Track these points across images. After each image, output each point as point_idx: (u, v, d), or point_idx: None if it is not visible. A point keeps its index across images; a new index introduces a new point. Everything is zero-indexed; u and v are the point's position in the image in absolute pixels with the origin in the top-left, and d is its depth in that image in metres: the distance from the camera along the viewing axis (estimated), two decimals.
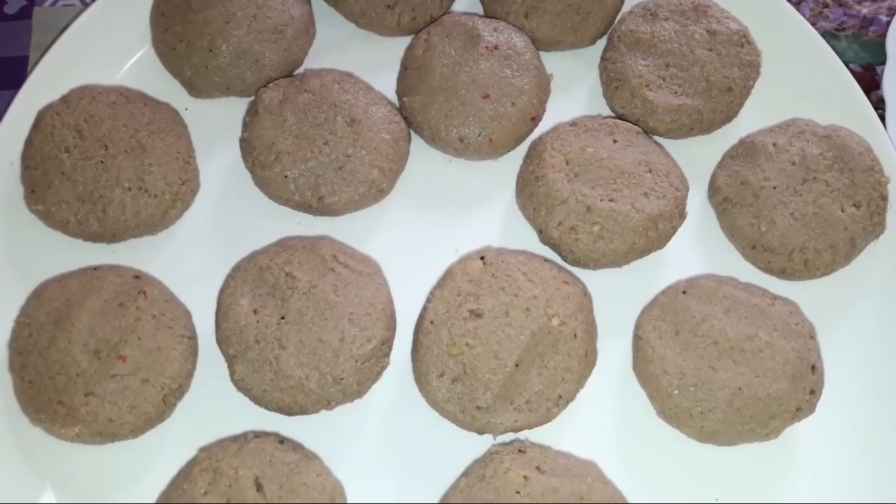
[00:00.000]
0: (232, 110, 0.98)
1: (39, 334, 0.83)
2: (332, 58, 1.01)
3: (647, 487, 0.84)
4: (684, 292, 0.88)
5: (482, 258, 0.87)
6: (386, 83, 0.99)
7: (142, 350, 0.82)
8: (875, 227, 0.91)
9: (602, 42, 1.02)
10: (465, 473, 0.81)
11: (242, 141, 0.93)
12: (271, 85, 0.95)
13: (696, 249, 0.95)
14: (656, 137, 0.97)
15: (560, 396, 0.82)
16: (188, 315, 0.88)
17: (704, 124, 0.96)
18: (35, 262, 0.90)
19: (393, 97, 0.98)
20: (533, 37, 0.99)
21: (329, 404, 0.83)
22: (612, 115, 0.99)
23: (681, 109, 0.95)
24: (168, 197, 0.91)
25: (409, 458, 0.85)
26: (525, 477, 0.78)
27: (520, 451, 0.81)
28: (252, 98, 0.97)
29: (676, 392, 0.83)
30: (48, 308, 0.84)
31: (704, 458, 0.85)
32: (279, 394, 0.82)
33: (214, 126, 0.98)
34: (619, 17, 1.03)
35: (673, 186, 0.90)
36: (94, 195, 0.88)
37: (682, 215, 0.91)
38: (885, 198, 0.91)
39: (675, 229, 0.91)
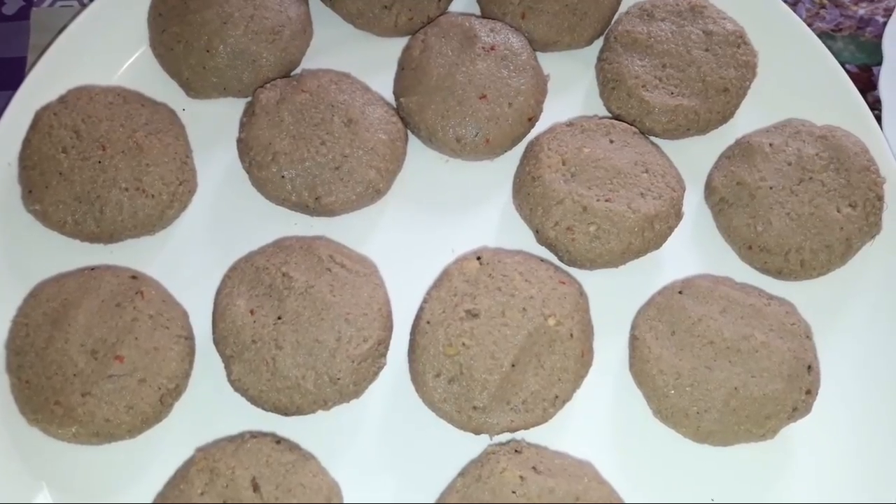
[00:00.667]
0: (229, 111, 0.98)
1: (36, 334, 0.83)
2: (329, 58, 1.02)
3: (643, 487, 0.84)
4: (680, 292, 0.88)
5: (479, 258, 0.87)
6: (383, 83, 0.99)
7: (139, 350, 0.82)
8: (871, 228, 0.91)
9: (599, 43, 1.02)
10: (462, 473, 0.81)
11: (239, 141, 0.94)
12: (268, 85, 0.95)
13: (693, 250, 0.95)
14: (653, 138, 0.97)
15: (556, 396, 0.83)
16: (185, 315, 0.88)
17: (701, 125, 0.96)
18: (32, 262, 0.91)
19: (390, 97, 0.98)
20: (530, 37, 0.99)
21: (326, 404, 0.83)
22: (609, 115, 0.99)
23: (677, 110, 0.95)
24: (165, 197, 0.91)
25: (405, 458, 0.85)
26: (521, 477, 0.78)
27: (516, 451, 0.81)
28: (249, 98, 0.97)
29: (672, 392, 0.83)
30: (45, 308, 0.84)
31: (700, 459, 0.85)
32: (276, 394, 0.82)
33: (212, 126, 0.98)
34: (615, 17, 1.03)
35: (669, 187, 0.91)
36: (91, 195, 0.88)
37: (678, 215, 0.91)
38: (880, 198, 0.91)
39: (671, 229, 0.91)
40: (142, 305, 0.84)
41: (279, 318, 0.83)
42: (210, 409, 0.86)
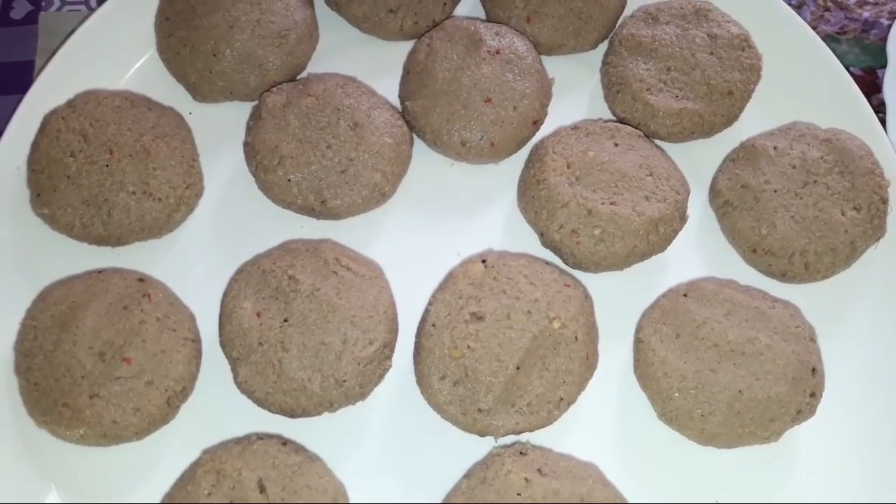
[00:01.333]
0: (236, 114, 0.99)
1: (45, 337, 0.83)
2: (335, 62, 1.02)
3: (647, 489, 0.85)
4: (685, 295, 0.88)
5: (484, 261, 0.88)
6: (388, 87, 0.99)
7: (146, 353, 0.82)
8: (875, 231, 0.91)
9: (603, 46, 1.02)
10: (467, 475, 0.81)
11: (246, 145, 0.94)
12: (275, 89, 0.95)
13: (697, 252, 0.95)
14: (657, 141, 0.97)
15: (561, 399, 0.83)
16: (192, 318, 0.88)
17: (705, 128, 0.96)
18: (40, 265, 0.91)
19: (395, 101, 0.99)
20: (535, 41, 0.99)
21: (331, 406, 0.83)
22: (614, 118, 0.99)
23: (682, 113, 0.95)
24: (172, 201, 0.91)
25: (410, 460, 0.86)
26: (526, 479, 0.78)
27: (521, 453, 0.81)
28: (255, 102, 0.97)
29: (677, 395, 0.83)
30: (53, 311, 0.85)
31: (705, 461, 0.85)
32: (282, 396, 0.82)
33: (218, 130, 0.99)
34: (620, 21, 1.03)
35: (674, 190, 0.91)
36: (99, 199, 0.89)
37: (682, 218, 0.92)
38: (885, 201, 0.92)
39: (675, 232, 0.91)
40: (149, 308, 0.85)
41: (285, 320, 0.83)
42: (217, 411, 0.86)
